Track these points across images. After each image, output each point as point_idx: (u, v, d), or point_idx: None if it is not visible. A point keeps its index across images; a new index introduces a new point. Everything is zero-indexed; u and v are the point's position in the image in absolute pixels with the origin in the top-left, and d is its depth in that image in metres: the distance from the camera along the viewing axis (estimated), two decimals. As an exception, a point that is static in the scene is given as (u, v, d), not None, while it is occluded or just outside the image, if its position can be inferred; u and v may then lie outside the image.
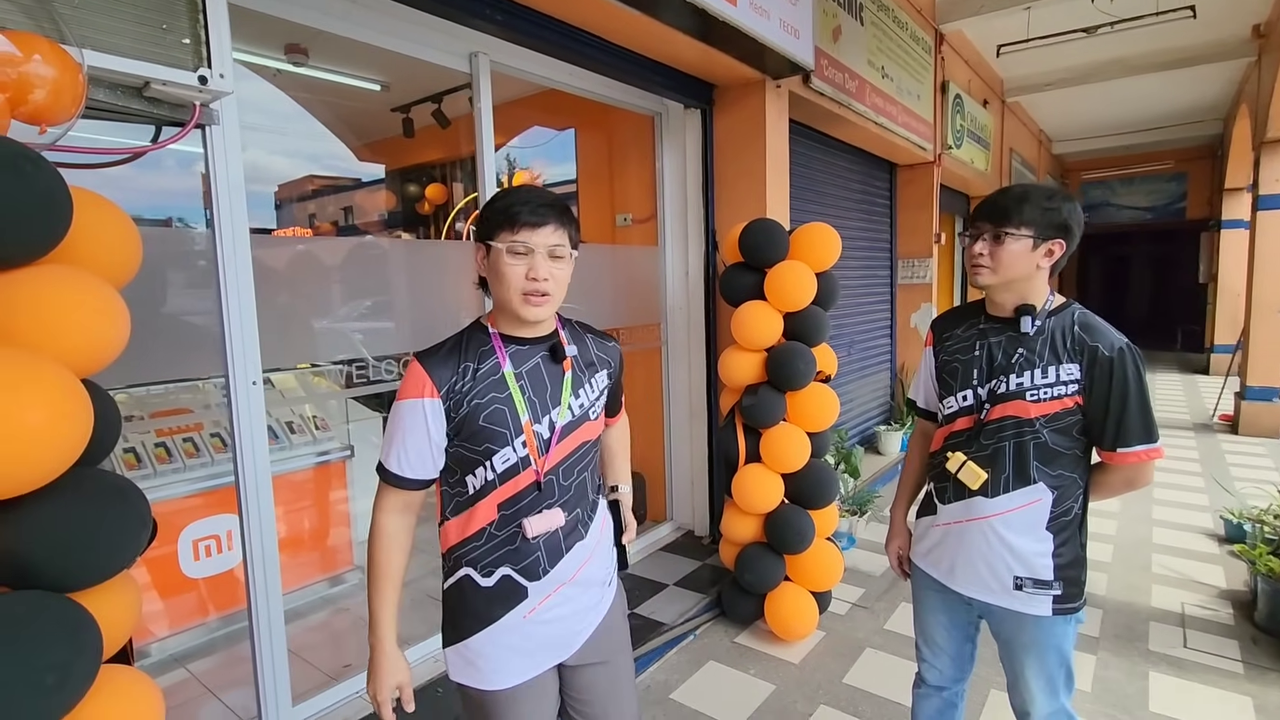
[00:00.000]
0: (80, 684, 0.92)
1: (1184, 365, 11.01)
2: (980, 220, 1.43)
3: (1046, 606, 1.44)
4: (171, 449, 2.68)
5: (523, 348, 1.25)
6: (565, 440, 1.26)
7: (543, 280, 1.18)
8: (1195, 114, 9.68)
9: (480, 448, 1.21)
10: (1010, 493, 1.44)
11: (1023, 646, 1.50)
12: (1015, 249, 1.38)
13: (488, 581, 1.24)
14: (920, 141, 5.42)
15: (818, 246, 2.88)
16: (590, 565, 1.33)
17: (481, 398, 1.20)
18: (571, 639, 1.32)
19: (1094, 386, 1.36)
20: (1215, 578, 3.36)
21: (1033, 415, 1.40)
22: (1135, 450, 1.37)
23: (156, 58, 1.48)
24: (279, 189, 7.09)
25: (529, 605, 1.25)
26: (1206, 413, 7.23)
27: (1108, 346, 1.36)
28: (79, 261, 1.10)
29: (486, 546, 1.24)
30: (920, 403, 1.72)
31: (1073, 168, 13.53)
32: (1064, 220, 1.38)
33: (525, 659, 1.27)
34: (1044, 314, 1.43)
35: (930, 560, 1.62)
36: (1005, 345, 1.45)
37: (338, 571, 3.27)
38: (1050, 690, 1.51)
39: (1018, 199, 1.38)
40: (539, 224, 1.18)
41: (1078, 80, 7.60)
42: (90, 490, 1.02)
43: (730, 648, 2.82)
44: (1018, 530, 1.44)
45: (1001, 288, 1.44)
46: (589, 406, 1.31)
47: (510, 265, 1.18)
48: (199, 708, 2.38)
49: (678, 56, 3.12)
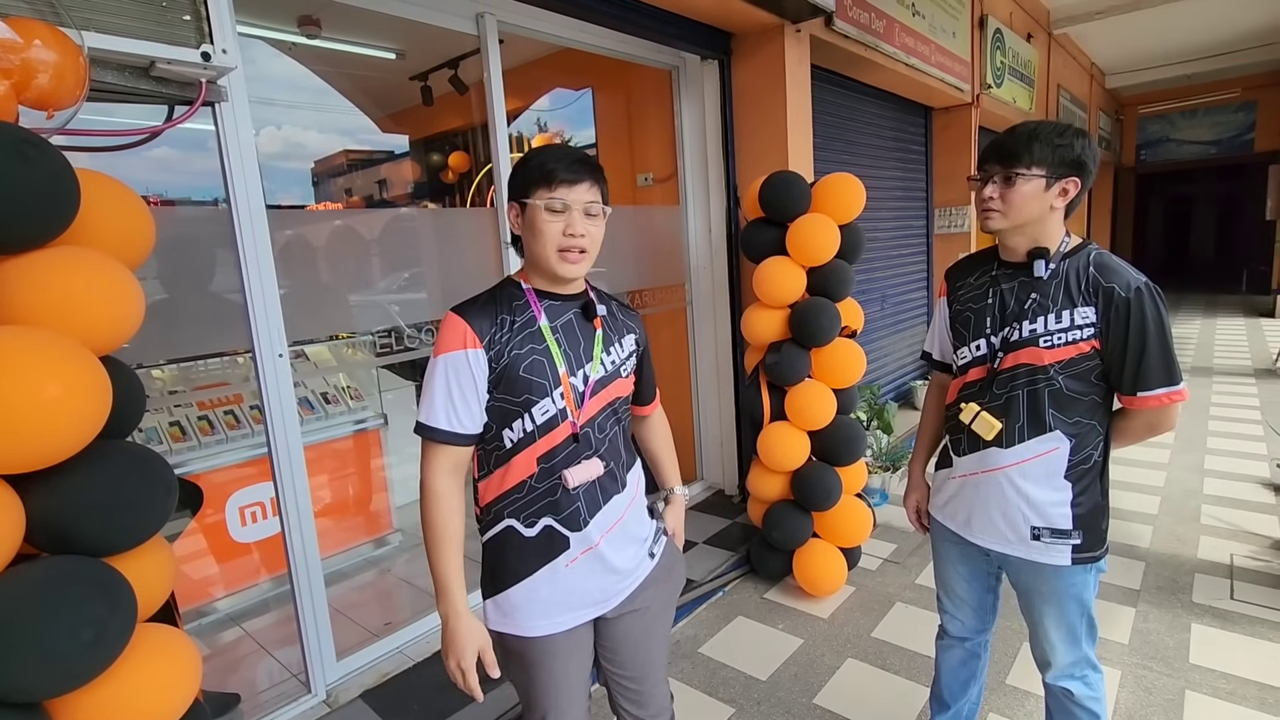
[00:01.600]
0: (117, 639, 0.99)
1: (1249, 308, 10.42)
2: (988, 162, 1.37)
3: (1066, 556, 1.41)
4: (214, 421, 2.81)
5: (556, 303, 1.27)
6: (599, 394, 1.28)
7: (579, 237, 1.20)
8: (1265, 35, 8.93)
9: (520, 399, 1.22)
10: (1026, 442, 1.40)
11: (1041, 596, 1.48)
12: (1027, 190, 1.33)
13: (530, 532, 1.26)
14: (956, 82, 5.15)
15: (841, 198, 2.79)
16: (629, 518, 1.34)
17: (520, 348, 1.21)
18: (611, 595, 1.34)
19: (1111, 329, 1.31)
20: (1269, 528, 3.23)
21: (1047, 362, 1.36)
22: (1156, 394, 1.31)
23: (158, 36, 1.49)
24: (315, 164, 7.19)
25: (570, 555, 1.27)
26: (1270, 357, 6.86)
27: (1124, 286, 1.30)
28: (91, 242, 1.13)
29: (528, 499, 1.25)
30: (935, 354, 1.67)
31: (1128, 102, 12.72)
32: (1077, 156, 1.32)
33: (565, 611, 1.29)
34: (1058, 256, 1.37)
35: (947, 513, 1.59)
36: (1018, 291, 1.40)
37: (380, 534, 3.41)
38: (1072, 640, 1.49)
39: (1026, 137, 1.32)
40: (575, 181, 1.18)
41: (1134, 5, 7.06)
42: (115, 461, 1.07)
43: (759, 603, 2.85)
44: (1034, 480, 1.41)
45: (1014, 231, 1.39)
46: (620, 364, 1.33)
47: (548, 222, 1.18)
48: (255, 664, 2.54)
49: (692, 5, 3.01)
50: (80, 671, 0.95)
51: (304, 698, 2.21)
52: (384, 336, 2.53)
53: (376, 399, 3.46)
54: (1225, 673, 2.24)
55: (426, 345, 2.77)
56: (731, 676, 2.38)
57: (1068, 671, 1.53)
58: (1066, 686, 1.53)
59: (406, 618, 2.64)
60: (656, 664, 1.44)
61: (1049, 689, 1.58)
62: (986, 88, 5.78)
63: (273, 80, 4.43)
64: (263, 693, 2.30)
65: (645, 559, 1.39)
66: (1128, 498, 3.64)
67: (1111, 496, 1.46)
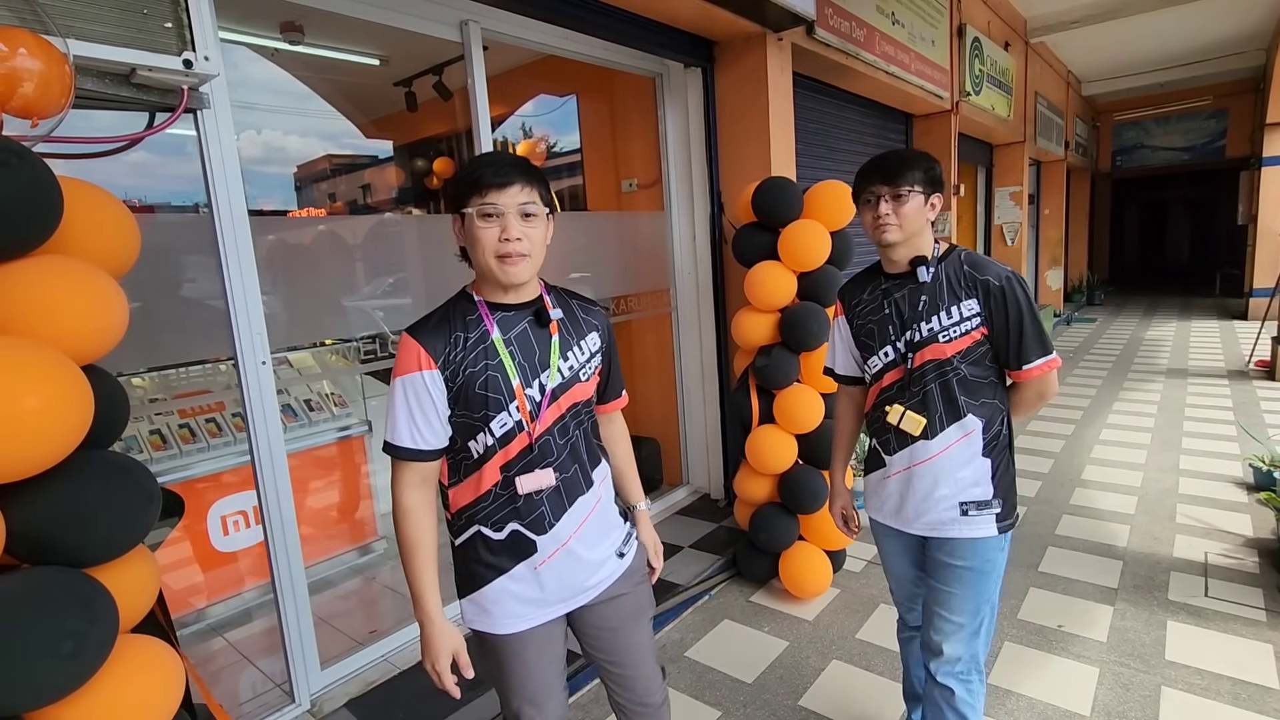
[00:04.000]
0: (97, 650, 0.98)
1: (1222, 311, 10.65)
2: (874, 185, 1.52)
3: (992, 525, 1.54)
4: (195, 429, 2.78)
5: (509, 314, 1.27)
6: (557, 402, 1.29)
7: (515, 240, 1.19)
8: (1235, 44, 9.17)
9: (479, 414, 1.24)
10: (946, 429, 1.54)
11: (957, 574, 1.57)
12: (913, 205, 1.50)
13: (499, 535, 1.29)
14: (936, 90, 5.24)
15: (832, 204, 2.82)
16: (596, 516, 1.36)
17: (475, 365, 1.22)
18: (581, 591, 1.36)
19: (993, 314, 1.48)
20: (1242, 526, 3.30)
21: (949, 354, 1.51)
22: (1037, 364, 1.49)
23: (139, 43, 1.49)
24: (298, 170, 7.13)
25: (539, 558, 1.29)
26: (1242, 359, 7.01)
27: (996, 277, 1.48)
28: (75, 251, 1.13)
29: (493, 505, 1.28)
30: (840, 369, 1.80)
31: (1104, 109, 12.98)
32: (939, 176, 1.53)
33: (536, 607, 1.32)
34: (935, 261, 1.55)
35: (887, 510, 1.70)
36: (909, 296, 1.55)
37: (364, 542, 3.38)
38: (972, 626, 1.58)
39: (904, 160, 1.51)
40: (505, 184, 1.18)
41: (1107, 15, 7.22)
42: (97, 471, 1.07)
43: (745, 606, 2.86)
44: (960, 462, 1.54)
45: (902, 244, 1.53)
46: (579, 368, 1.33)
47: (482, 229, 1.19)
48: (237, 674, 2.51)
49: (675, 14, 3.04)
50: (59, 684, 0.94)
51: (288, 707, 2.19)
52: (368, 343, 2.52)
53: (361, 406, 3.44)
54: (1200, 668, 2.29)
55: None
56: (718, 679, 2.39)
57: (956, 668, 1.61)
58: (950, 685, 1.62)
59: (391, 626, 2.62)
60: (639, 648, 1.46)
61: (931, 682, 1.66)
62: (965, 95, 5.87)
63: (254, 85, 4.39)
64: (245, 703, 2.28)
65: (614, 558, 1.41)
66: (1105, 498, 3.71)
67: (1090, 497, 1.56)
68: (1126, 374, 6.80)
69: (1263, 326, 7.08)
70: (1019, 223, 8.45)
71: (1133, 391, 6.09)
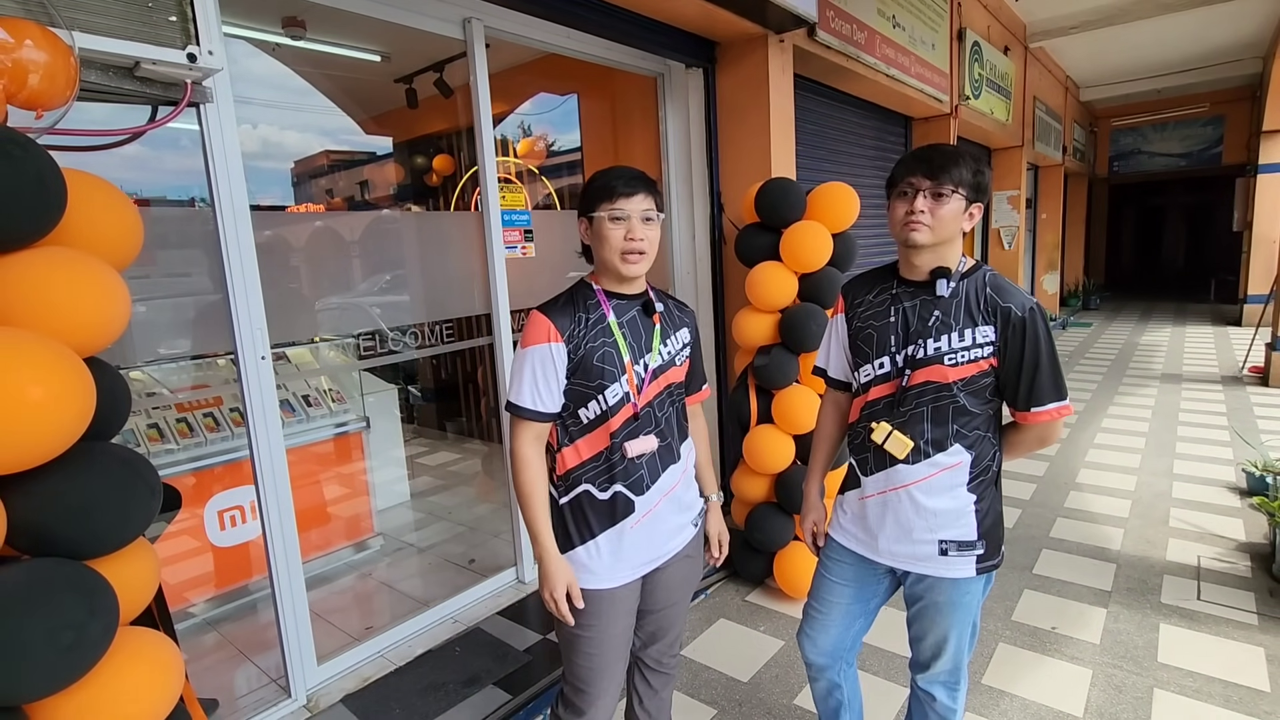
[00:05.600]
0: (97, 642, 0.98)
1: (1217, 317, 10.70)
2: (915, 176, 1.36)
3: (971, 567, 1.44)
4: (193, 424, 2.77)
5: (622, 302, 1.47)
6: (658, 380, 1.48)
7: (639, 240, 1.39)
8: (1233, 52, 9.21)
9: (594, 384, 1.42)
10: (931, 458, 1.42)
11: (938, 608, 1.49)
12: (952, 208, 1.35)
13: (603, 495, 1.45)
14: (935, 93, 5.25)
15: (836, 207, 2.83)
16: (681, 487, 1.55)
17: (594, 341, 1.42)
18: (662, 554, 1.53)
19: (1008, 347, 1.35)
20: (1234, 530, 3.32)
21: (950, 379, 1.38)
22: (1048, 409, 1.37)
23: (144, 36, 1.49)
24: (295, 165, 7.11)
25: (635, 517, 1.46)
26: (1236, 365, 7.05)
27: (1020, 307, 1.34)
28: (78, 243, 1.13)
29: (602, 467, 1.45)
30: (831, 372, 1.66)
31: (1102, 115, 13.02)
32: (987, 185, 1.40)
33: (627, 565, 1.48)
34: (958, 276, 1.40)
35: (851, 534, 1.58)
36: (920, 309, 1.41)
37: (361, 538, 3.38)
38: (957, 648, 1.53)
39: (954, 158, 1.35)
40: (632, 193, 1.38)
41: (1106, 21, 7.24)
42: (99, 463, 1.07)
43: (741, 606, 2.87)
44: (938, 493, 1.42)
45: (929, 249, 1.39)
46: (675, 354, 1.53)
47: (611, 229, 1.39)
48: (233, 668, 2.51)
49: (677, 14, 3.04)
50: (60, 675, 0.95)
51: (284, 702, 2.19)
52: (367, 339, 2.52)
53: (359, 402, 3.44)
54: (1192, 671, 2.31)
55: (410, 348, 2.76)
56: (713, 678, 2.40)
57: (941, 678, 1.58)
58: (932, 692, 1.60)
59: (387, 622, 2.62)
60: (680, 613, 1.64)
61: (915, 688, 1.65)
62: (965, 99, 5.89)
63: (253, 79, 4.38)
64: (241, 698, 2.28)
65: (690, 526, 1.59)
66: (1100, 501, 3.73)
67: (1084, 500, 1.52)
68: (1122, 378, 6.84)
69: (1257, 332, 7.13)
70: (1016, 227, 8.48)
71: (1128, 396, 6.12)
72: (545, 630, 2.56)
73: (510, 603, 2.76)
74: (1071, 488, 3.94)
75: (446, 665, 2.38)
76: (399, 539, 3.54)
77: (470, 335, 2.91)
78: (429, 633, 2.59)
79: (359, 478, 3.42)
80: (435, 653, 2.46)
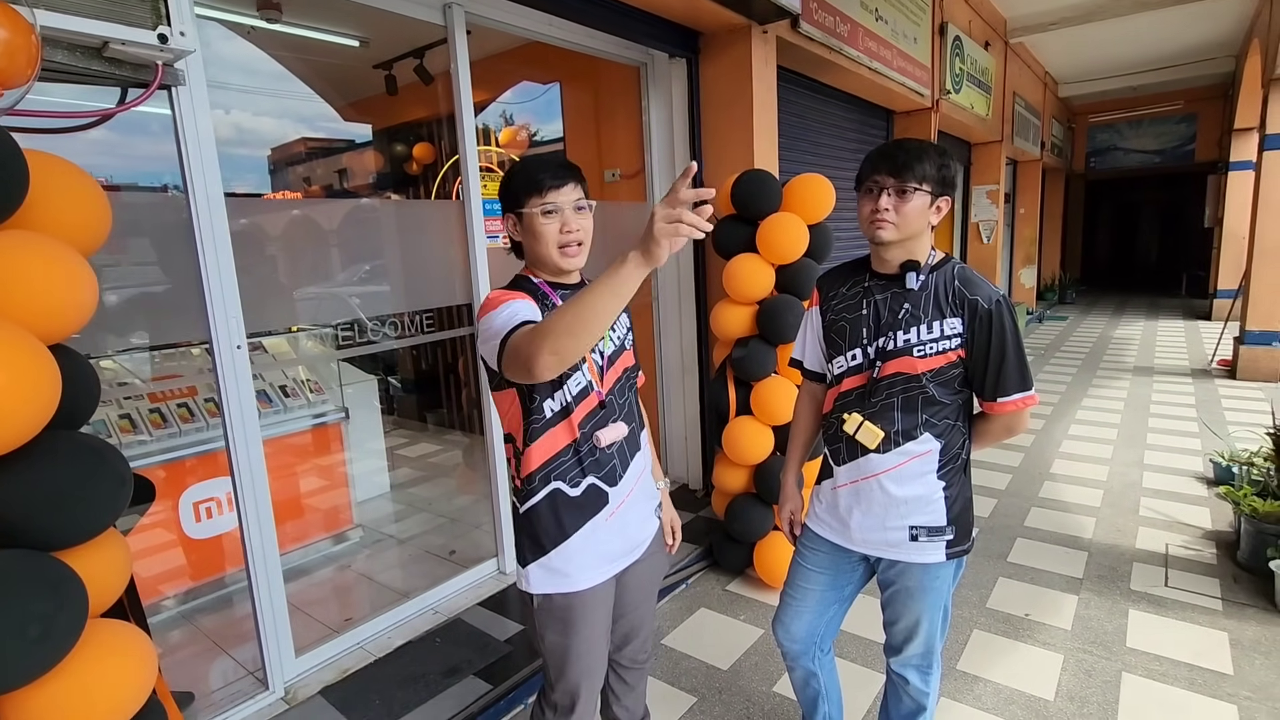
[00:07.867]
0: (66, 634, 0.96)
1: (1187, 311, 10.94)
2: (879, 174, 1.38)
3: (941, 552, 1.47)
4: (166, 414, 2.72)
5: (565, 292, 1.42)
6: (614, 365, 1.45)
7: (575, 231, 1.35)
8: (1207, 51, 9.37)
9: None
10: (901, 447, 1.45)
11: (909, 594, 1.52)
12: (917, 204, 1.37)
13: (575, 491, 1.39)
14: (917, 87, 5.29)
15: (811, 198, 2.84)
16: (645, 476, 1.52)
17: None
18: (635, 546, 1.50)
19: (975, 339, 1.39)
20: (1201, 519, 3.41)
21: (920, 371, 1.41)
22: (1014, 399, 1.41)
23: (113, 15, 1.45)
24: (272, 152, 6.97)
25: (610, 509, 1.42)
26: (1206, 358, 7.22)
27: (986, 299, 1.38)
28: (41, 227, 1.10)
29: (573, 460, 1.39)
30: (807, 364, 1.69)
31: (1080, 110, 13.19)
32: (952, 178, 1.41)
33: (605, 562, 1.43)
34: (927, 269, 1.43)
35: (825, 522, 1.61)
36: (890, 302, 1.44)
37: (340, 530, 3.35)
38: (929, 633, 1.56)
39: (918, 154, 1.36)
40: (561, 184, 1.34)
41: (1085, 17, 7.33)
42: (67, 452, 1.05)
43: (721, 595, 2.89)
44: (908, 481, 1.46)
45: (897, 245, 1.42)
46: (622, 338, 1.50)
47: (545, 224, 1.34)
48: (209, 661, 2.48)
49: (661, 3, 3.02)
50: (28, 668, 0.93)
51: (261, 695, 2.17)
52: (345, 329, 2.49)
53: (337, 393, 3.40)
54: (1159, 655, 2.37)
55: (389, 338, 2.73)
56: (694, 667, 2.42)
57: (914, 662, 1.61)
58: (906, 675, 1.63)
59: (367, 613, 2.61)
60: (650, 609, 1.60)
61: (890, 672, 1.68)
62: (946, 93, 5.94)
63: (228, 63, 4.29)
64: (217, 691, 2.25)
65: (654, 517, 1.56)
66: (1072, 491, 3.80)
67: (1058, 490, 1.54)
68: (1095, 371, 6.97)
69: (1225, 326, 7.30)
70: (995, 221, 8.58)
71: (1101, 388, 6.24)
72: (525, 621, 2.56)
73: (491, 593, 2.76)
74: (1045, 478, 4.01)
75: (427, 656, 2.37)
76: (379, 530, 3.52)
77: (451, 325, 2.88)
78: (409, 624, 2.58)
79: (338, 469, 3.39)
80: (415, 644, 2.45)
